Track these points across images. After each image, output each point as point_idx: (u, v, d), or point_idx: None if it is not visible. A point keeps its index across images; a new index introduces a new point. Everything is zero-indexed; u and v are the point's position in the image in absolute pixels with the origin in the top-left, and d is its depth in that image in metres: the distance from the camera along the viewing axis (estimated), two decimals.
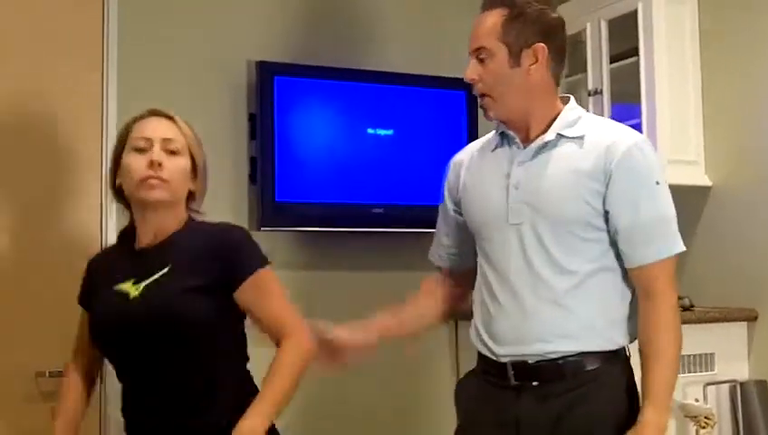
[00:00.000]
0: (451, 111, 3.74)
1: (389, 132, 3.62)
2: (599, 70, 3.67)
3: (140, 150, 2.15)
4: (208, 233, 2.21)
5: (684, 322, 3.18)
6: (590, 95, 3.68)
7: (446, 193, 2.45)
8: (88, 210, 3.01)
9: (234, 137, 3.46)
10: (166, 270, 2.14)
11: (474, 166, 2.35)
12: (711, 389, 3.22)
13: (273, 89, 3.44)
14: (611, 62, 3.65)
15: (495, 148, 2.30)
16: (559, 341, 2.14)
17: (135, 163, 2.14)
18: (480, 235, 2.29)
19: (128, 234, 2.26)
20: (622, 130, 2.24)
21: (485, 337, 2.24)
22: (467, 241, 2.40)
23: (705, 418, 3.07)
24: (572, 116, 2.22)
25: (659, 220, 2.15)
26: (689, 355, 3.24)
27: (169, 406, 2.12)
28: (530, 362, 2.17)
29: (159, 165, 2.13)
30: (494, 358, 2.22)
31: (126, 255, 2.23)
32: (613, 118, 3.58)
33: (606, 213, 2.15)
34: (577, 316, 2.14)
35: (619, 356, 2.19)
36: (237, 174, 3.46)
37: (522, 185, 2.19)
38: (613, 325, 2.18)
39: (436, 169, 2.57)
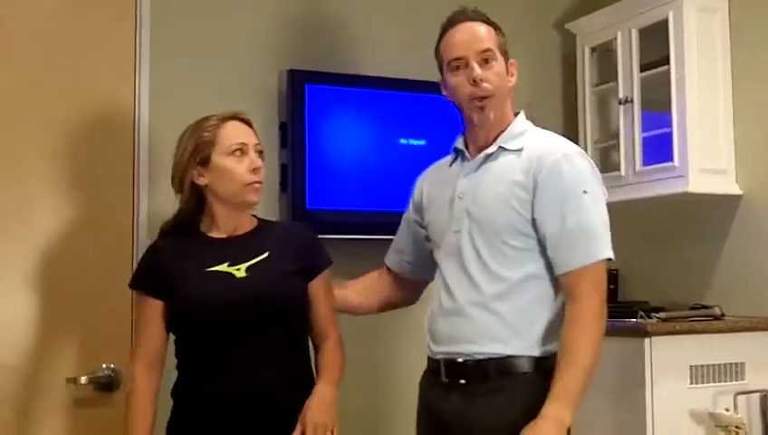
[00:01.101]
0: None
1: (422, 143, 3.62)
2: (629, 78, 3.67)
3: (238, 155, 2.34)
4: (289, 228, 2.60)
5: (714, 331, 3.24)
6: (620, 104, 3.69)
7: (411, 206, 2.63)
8: (120, 216, 3.02)
9: (265, 144, 3.40)
10: (265, 255, 2.35)
11: (434, 182, 2.52)
12: (741, 398, 3.20)
13: (304, 97, 3.44)
14: (642, 71, 3.64)
15: (452, 163, 2.47)
16: (487, 343, 2.25)
17: (238, 168, 2.34)
18: (434, 243, 2.47)
19: (188, 224, 2.40)
20: (557, 142, 2.36)
21: (428, 336, 2.40)
22: (423, 253, 2.58)
23: (736, 428, 3.06)
24: (518, 129, 2.37)
25: (585, 228, 2.22)
26: (719, 364, 3.23)
27: (257, 380, 2.26)
28: (458, 360, 2.29)
29: (259, 170, 2.36)
30: (432, 356, 2.38)
31: (201, 242, 2.38)
32: (643, 126, 3.61)
33: (534, 221, 2.24)
34: (505, 321, 2.24)
35: (547, 363, 2.23)
36: (268, 182, 3.42)
37: (465, 195, 2.34)
38: (541, 332, 2.25)
39: None
